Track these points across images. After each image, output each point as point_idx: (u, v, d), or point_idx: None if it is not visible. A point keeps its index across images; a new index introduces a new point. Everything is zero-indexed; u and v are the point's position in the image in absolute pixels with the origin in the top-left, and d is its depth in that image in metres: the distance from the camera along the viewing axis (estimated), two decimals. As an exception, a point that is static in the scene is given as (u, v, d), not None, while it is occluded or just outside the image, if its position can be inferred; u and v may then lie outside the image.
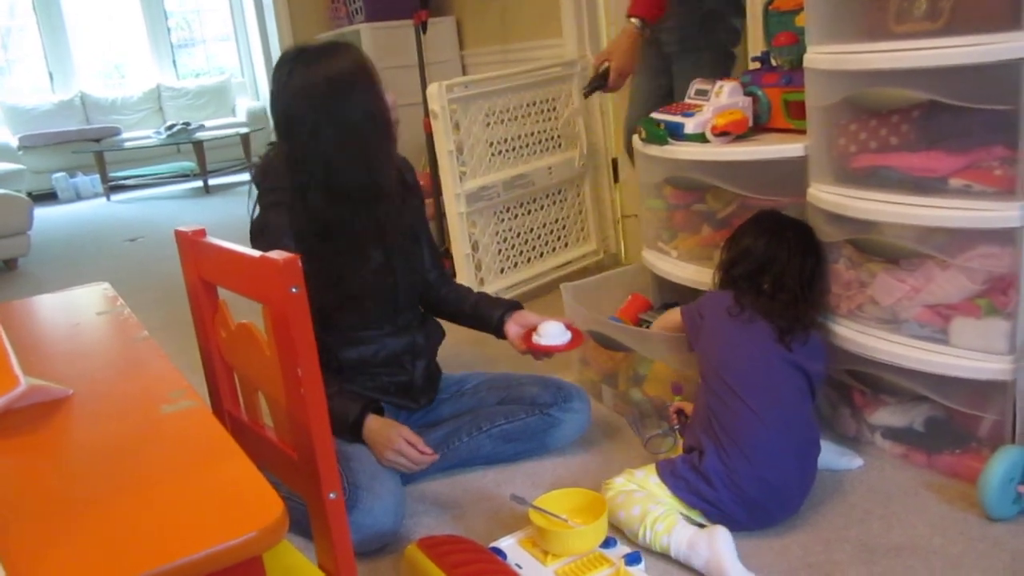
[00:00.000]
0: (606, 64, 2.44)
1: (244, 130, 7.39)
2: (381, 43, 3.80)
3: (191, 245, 1.07)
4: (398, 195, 1.83)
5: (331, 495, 0.90)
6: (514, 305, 1.94)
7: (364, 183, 1.71)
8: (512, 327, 1.88)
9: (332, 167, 1.68)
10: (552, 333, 1.80)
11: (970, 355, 1.58)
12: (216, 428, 0.73)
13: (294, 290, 0.85)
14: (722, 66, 2.57)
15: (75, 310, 1.20)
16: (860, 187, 1.70)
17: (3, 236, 4.47)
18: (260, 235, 1.76)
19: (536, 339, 1.81)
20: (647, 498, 1.54)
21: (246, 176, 7.38)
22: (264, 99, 8.37)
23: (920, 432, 1.73)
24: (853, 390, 1.83)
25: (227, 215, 5.73)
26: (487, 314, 1.93)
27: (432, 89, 2.67)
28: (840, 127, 1.76)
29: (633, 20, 2.42)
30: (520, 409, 1.92)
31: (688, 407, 1.77)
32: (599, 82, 2.45)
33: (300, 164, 1.69)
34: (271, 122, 1.78)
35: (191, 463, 0.68)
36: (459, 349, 2.41)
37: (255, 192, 1.80)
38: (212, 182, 6.95)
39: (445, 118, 2.69)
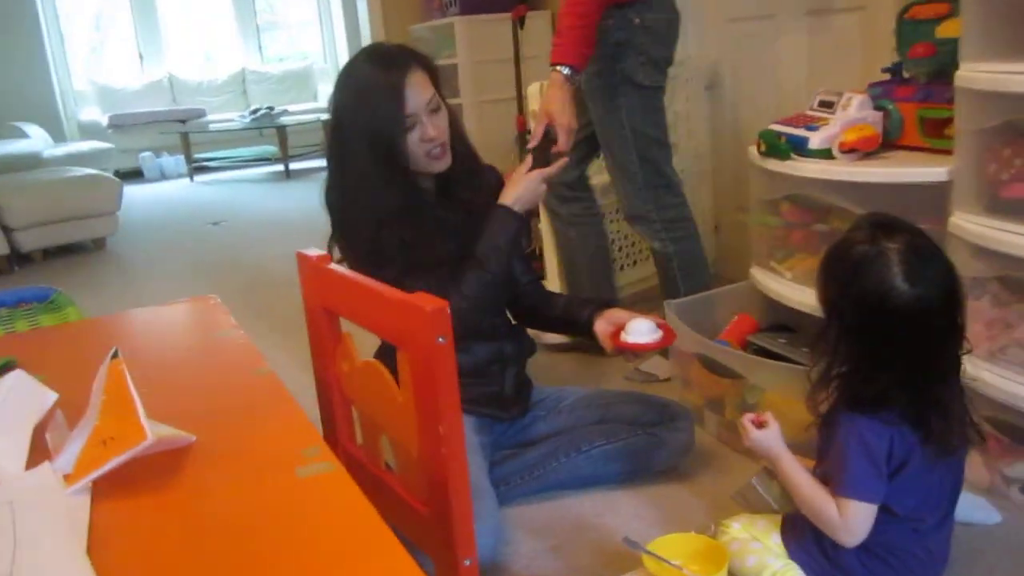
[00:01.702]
0: (550, 127, 1.98)
1: (326, 116, 7.41)
2: (475, 37, 3.72)
3: (315, 271, 1.00)
4: (477, 202, 1.77)
5: (466, 562, 0.82)
6: (605, 303, 1.85)
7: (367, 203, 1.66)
8: (601, 324, 1.78)
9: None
10: (641, 330, 1.69)
11: None
12: (362, 503, 0.65)
13: (441, 340, 0.77)
14: (642, 103, 2.26)
15: (187, 330, 1.15)
16: (1013, 219, 1.55)
17: (94, 216, 4.55)
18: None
19: (624, 336, 1.70)
20: (764, 550, 1.42)
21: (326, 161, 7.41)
22: (346, 85, 8.39)
23: (1066, 489, 1.58)
24: (989, 437, 1.69)
25: (307, 201, 5.73)
26: (576, 313, 1.85)
27: (533, 89, 2.58)
28: (993, 152, 1.61)
29: (560, 68, 2.10)
30: (621, 429, 1.83)
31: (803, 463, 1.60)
32: (546, 152, 1.89)
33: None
34: None
35: (336, 549, 0.60)
36: (554, 362, 2.34)
37: None
38: (293, 167, 6.99)
39: (545, 119, 2.59)
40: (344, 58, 8.34)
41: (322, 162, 6.19)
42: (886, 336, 1.22)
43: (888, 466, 1.24)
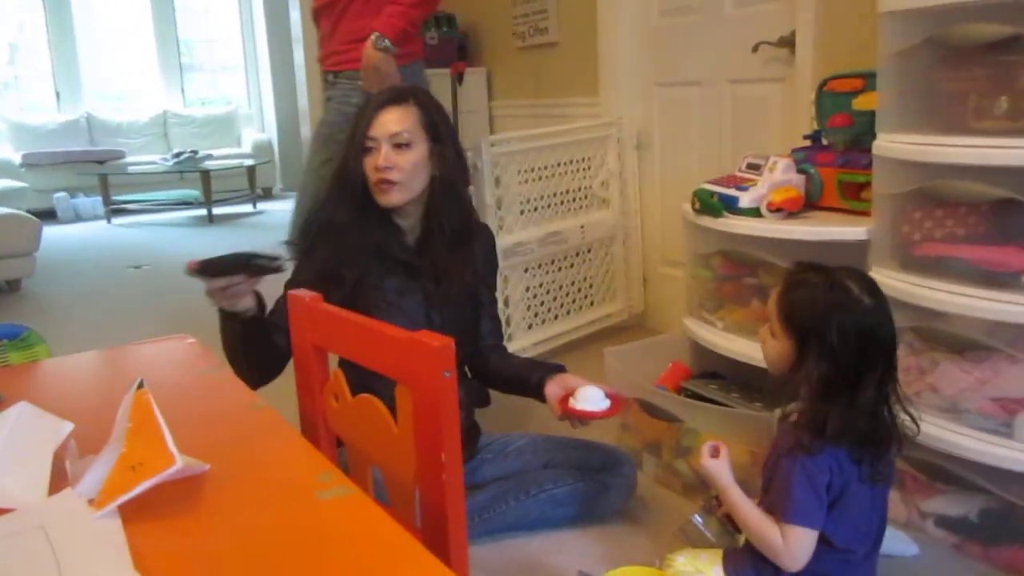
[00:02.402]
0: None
1: (250, 161, 7.40)
2: (412, 90, 3.82)
3: (307, 311, 1.05)
4: (448, 268, 1.82)
5: (461, 584, 0.87)
6: (557, 368, 1.90)
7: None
8: (552, 388, 1.81)
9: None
10: (590, 398, 1.72)
11: (1035, 450, 1.58)
12: (388, 521, 0.70)
13: (447, 374, 0.83)
14: None
15: (170, 367, 1.17)
16: (925, 275, 1.71)
17: (10, 256, 4.40)
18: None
19: (572, 403, 1.74)
20: (707, 584, 1.51)
21: (250, 207, 7.37)
22: (270, 131, 8.38)
23: (975, 523, 1.72)
24: (906, 474, 1.83)
25: (231, 245, 5.69)
26: (528, 376, 1.88)
27: (476, 143, 2.68)
28: (906, 214, 1.78)
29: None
30: (568, 473, 1.90)
31: None
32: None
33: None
34: None
35: (372, 564, 0.65)
36: (501, 411, 2.39)
37: None
38: (216, 211, 6.91)
39: (487, 172, 2.69)
40: (269, 104, 8.34)
41: (246, 207, 6.17)
42: (859, 353, 1.33)
43: (828, 495, 1.34)
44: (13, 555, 0.66)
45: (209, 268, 1.39)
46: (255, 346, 1.58)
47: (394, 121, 1.71)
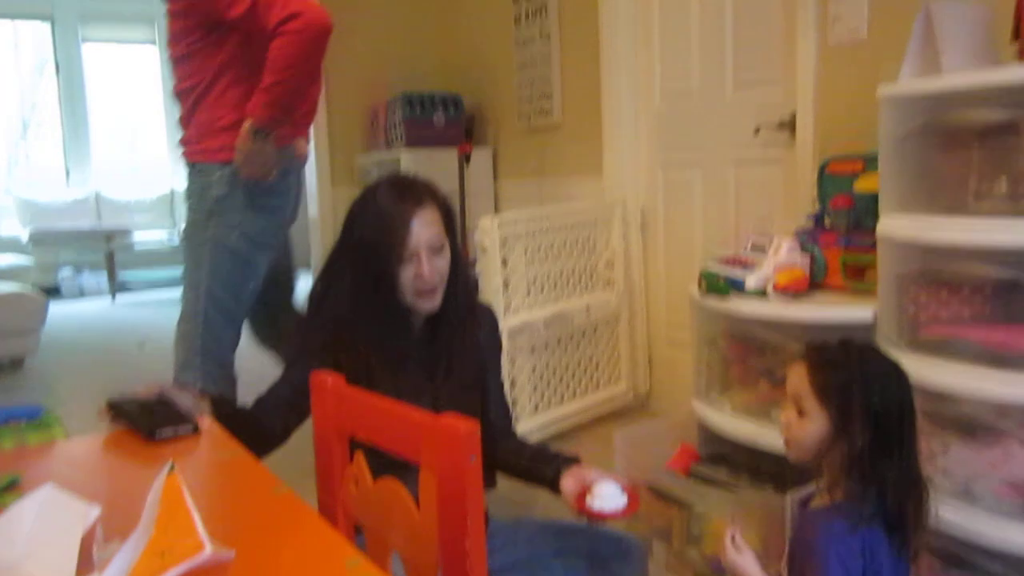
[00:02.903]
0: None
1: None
2: (420, 169, 3.88)
3: (331, 394, 1.06)
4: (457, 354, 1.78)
5: (484, 674, 0.86)
6: (572, 459, 1.82)
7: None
8: (567, 483, 1.73)
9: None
10: (608, 495, 1.65)
11: (1052, 534, 1.57)
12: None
13: (472, 459, 0.84)
14: (229, 267, 2.28)
15: (189, 450, 1.17)
16: (932, 356, 1.72)
17: (14, 335, 4.41)
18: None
19: (590, 502, 1.69)
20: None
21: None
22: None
23: (994, 609, 1.70)
24: (921, 560, 1.80)
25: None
26: (542, 467, 1.80)
27: (484, 223, 2.73)
28: (911, 295, 1.80)
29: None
30: (579, 564, 1.86)
31: None
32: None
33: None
34: None
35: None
36: (507, 491, 2.37)
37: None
38: (219, 288, 6.94)
39: (495, 252, 2.73)
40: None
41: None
42: (899, 421, 1.35)
43: None
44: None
45: (118, 411, 1.31)
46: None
47: (427, 227, 1.66)
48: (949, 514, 1.67)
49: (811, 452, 1.44)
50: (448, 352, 1.77)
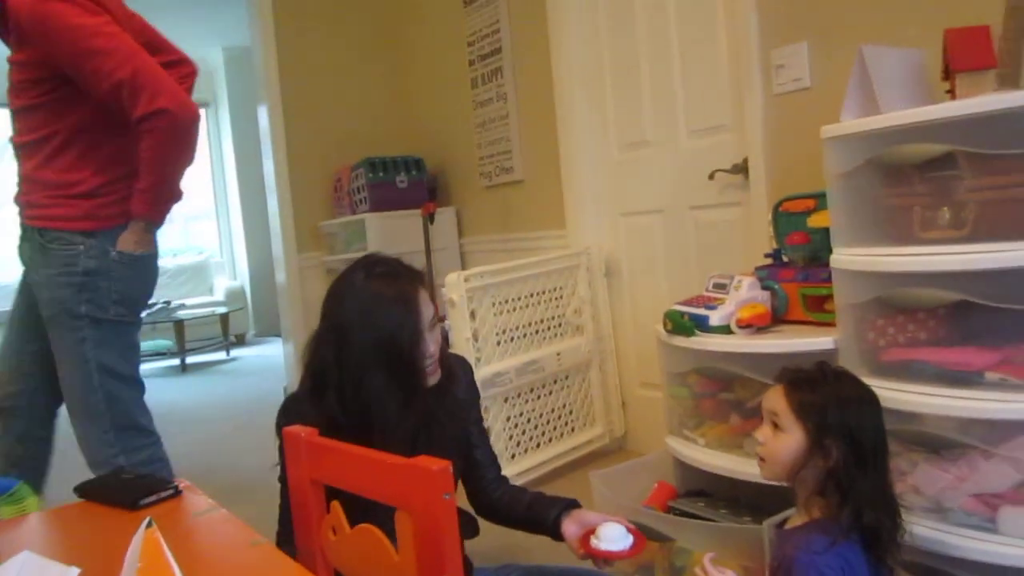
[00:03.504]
0: None
1: (223, 309, 7.45)
2: (385, 231, 3.95)
3: (303, 445, 1.08)
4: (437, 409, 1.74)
5: None
6: (571, 503, 1.83)
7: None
8: (570, 527, 1.75)
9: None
10: (613, 537, 1.67)
11: (1021, 543, 1.60)
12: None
13: (447, 496, 0.86)
14: (111, 338, 2.17)
15: (165, 513, 1.18)
16: (895, 379, 1.77)
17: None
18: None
19: (595, 543, 1.68)
20: None
21: (223, 355, 7.36)
22: (242, 278, 8.49)
23: (971, 625, 1.72)
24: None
25: (205, 393, 5.66)
26: (542, 514, 1.81)
27: (451, 278, 2.77)
28: (869, 323, 1.86)
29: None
30: (564, 605, 1.86)
31: None
32: None
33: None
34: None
35: None
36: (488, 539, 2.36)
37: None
38: (189, 360, 6.89)
39: (463, 306, 2.76)
40: (242, 251, 8.47)
41: (219, 355, 6.09)
42: (874, 435, 1.44)
43: None
44: None
45: (89, 494, 1.30)
46: None
47: (427, 303, 1.67)
48: (921, 530, 1.71)
49: (787, 467, 1.48)
50: (428, 419, 1.73)
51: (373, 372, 1.59)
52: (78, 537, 1.14)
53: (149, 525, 0.81)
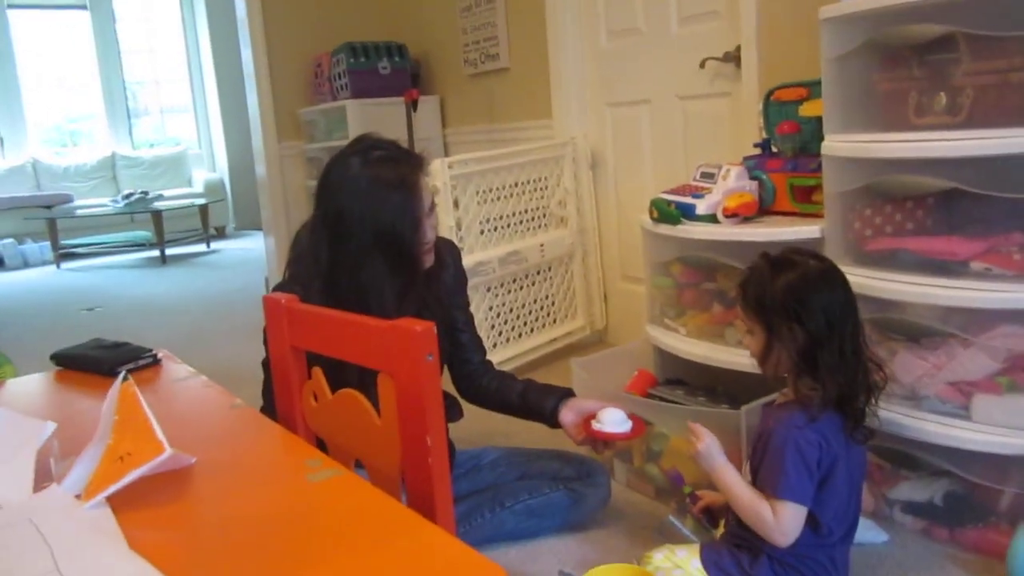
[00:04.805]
0: None
1: (202, 201, 7.34)
2: (367, 119, 3.84)
3: (284, 312, 1.06)
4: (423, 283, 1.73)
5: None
6: (567, 392, 1.86)
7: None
8: (568, 415, 1.78)
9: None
10: (614, 420, 1.71)
11: (992, 430, 1.63)
12: (380, 496, 0.71)
13: (429, 358, 0.84)
14: None
15: (145, 379, 1.16)
16: (879, 268, 1.77)
17: (-43, 303, 4.30)
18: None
19: (597, 426, 1.72)
20: (686, 575, 1.53)
21: (203, 247, 7.30)
22: (222, 172, 8.34)
23: (940, 507, 1.77)
24: (872, 464, 1.87)
25: (185, 285, 5.63)
26: (539, 403, 1.83)
27: (435, 165, 2.71)
28: (856, 212, 1.84)
29: None
30: (543, 484, 1.90)
31: (711, 498, 1.72)
32: None
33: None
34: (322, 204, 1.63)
35: (371, 532, 0.66)
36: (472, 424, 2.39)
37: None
38: (169, 252, 6.83)
39: (447, 194, 2.72)
40: (220, 143, 8.30)
41: (199, 247, 6.03)
42: (824, 312, 1.41)
43: (817, 472, 1.39)
44: (4, 545, 0.66)
45: (66, 361, 1.30)
46: None
47: (426, 188, 1.63)
48: (898, 418, 1.74)
49: (768, 364, 1.49)
50: (417, 302, 1.73)
51: (372, 260, 1.58)
52: (55, 400, 1.13)
53: (125, 379, 0.80)
